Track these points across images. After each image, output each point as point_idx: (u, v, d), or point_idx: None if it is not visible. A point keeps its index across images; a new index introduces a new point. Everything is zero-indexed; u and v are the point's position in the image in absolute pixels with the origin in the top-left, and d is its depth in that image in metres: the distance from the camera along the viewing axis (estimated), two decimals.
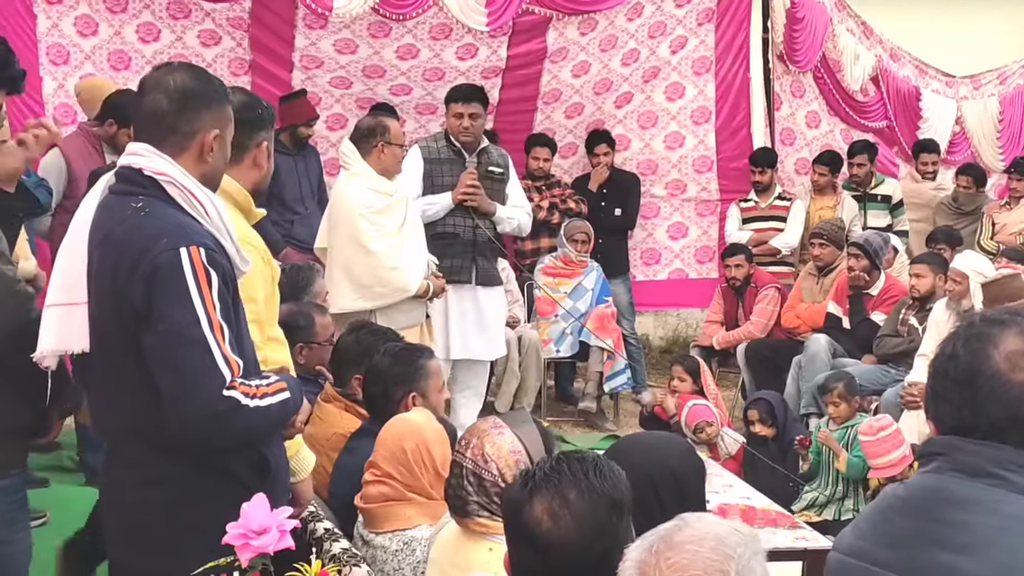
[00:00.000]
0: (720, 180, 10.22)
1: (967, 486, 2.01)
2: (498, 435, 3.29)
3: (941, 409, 2.12)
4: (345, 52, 8.76)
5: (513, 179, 7.73)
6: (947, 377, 2.10)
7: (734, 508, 5.57)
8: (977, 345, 2.06)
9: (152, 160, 3.03)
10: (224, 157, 3.17)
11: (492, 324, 7.61)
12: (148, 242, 2.90)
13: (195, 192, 3.03)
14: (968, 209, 10.17)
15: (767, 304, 9.12)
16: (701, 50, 9.89)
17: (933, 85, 10.97)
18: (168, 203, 3.01)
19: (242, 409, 2.89)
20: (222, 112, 3.15)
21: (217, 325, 2.90)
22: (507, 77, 9.30)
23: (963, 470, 2.03)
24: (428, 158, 7.44)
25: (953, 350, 2.11)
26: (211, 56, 8.49)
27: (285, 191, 8.26)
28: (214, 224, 3.05)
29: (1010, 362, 2.03)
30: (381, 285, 6.48)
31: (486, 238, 7.44)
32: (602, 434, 8.68)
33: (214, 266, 2.93)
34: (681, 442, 3.62)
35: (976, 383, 2.04)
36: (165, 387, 2.87)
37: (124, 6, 8.16)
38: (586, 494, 2.50)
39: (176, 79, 3.11)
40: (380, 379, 4.63)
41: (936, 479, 2.06)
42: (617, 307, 9.36)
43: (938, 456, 2.08)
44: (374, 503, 3.93)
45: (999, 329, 2.07)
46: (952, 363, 2.09)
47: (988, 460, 2.01)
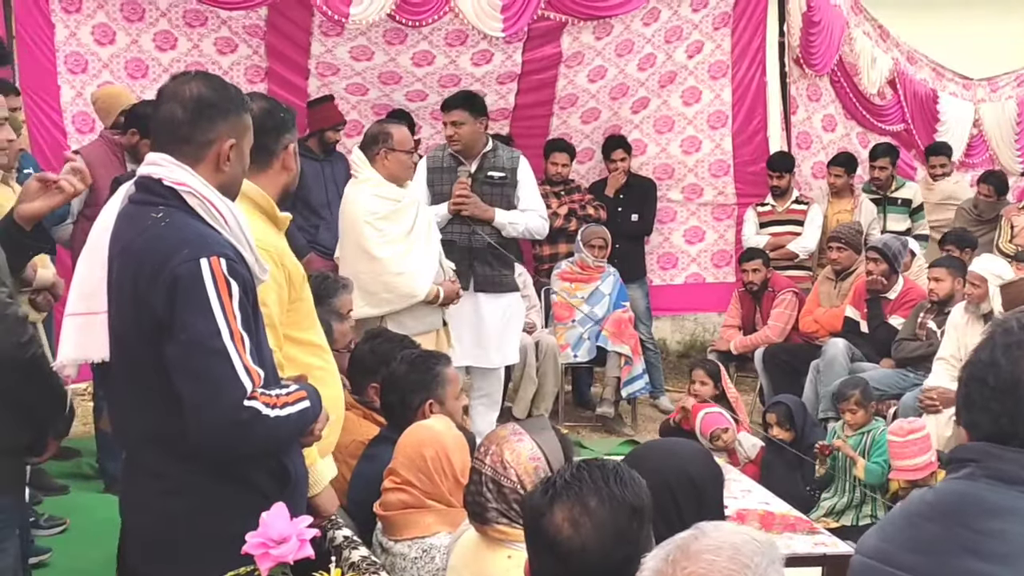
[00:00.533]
0: (737, 184, 10.20)
1: (1002, 494, 1.99)
2: (517, 442, 3.29)
3: (978, 417, 2.09)
4: (361, 59, 8.77)
5: (525, 182, 7.61)
6: (986, 385, 2.07)
7: (752, 513, 5.56)
8: (1019, 353, 2.04)
9: (171, 170, 3.04)
10: (242, 166, 3.17)
11: (496, 331, 7.55)
12: (169, 252, 2.91)
13: (214, 202, 3.04)
14: (988, 217, 10.11)
15: (784, 308, 9.10)
16: (717, 54, 9.88)
17: (950, 88, 10.94)
18: (188, 213, 3.02)
19: (263, 419, 2.90)
20: (239, 121, 3.15)
21: (238, 335, 2.91)
22: (522, 82, 9.30)
23: (998, 477, 2.00)
24: (431, 167, 7.47)
25: (992, 357, 2.07)
26: (227, 64, 8.52)
27: (311, 196, 8.28)
28: (233, 233, 3.05)
29: None
30: (387, 291, 6.46)
31: (483, 244, 7.40)
32: (620, 439, 8.67)
33: (234, 276, 2.94)
34: (699, 448, 3.61)
35: (1018, 392, 2.02)
36: (187, 396, 2.88)
37: (141, 15, 8.20)
38: (607, 502, 2.50)
39: (192, 89, 3.11)
40: (397, 386, 4.64)
41: (969, 485, 2.03)
42: (634, 312, 9.35)
43: (971, 462, 2.05)
44: (393, 510, 3.93)
45: None
46: (992, 371, 2.06)
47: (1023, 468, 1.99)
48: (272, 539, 2.42)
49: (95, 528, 5.73)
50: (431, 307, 6.58)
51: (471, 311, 7.36)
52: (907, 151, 10.73)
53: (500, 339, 7.62)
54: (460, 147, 7.41)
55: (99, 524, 5.26)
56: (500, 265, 7.57)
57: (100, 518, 5.07)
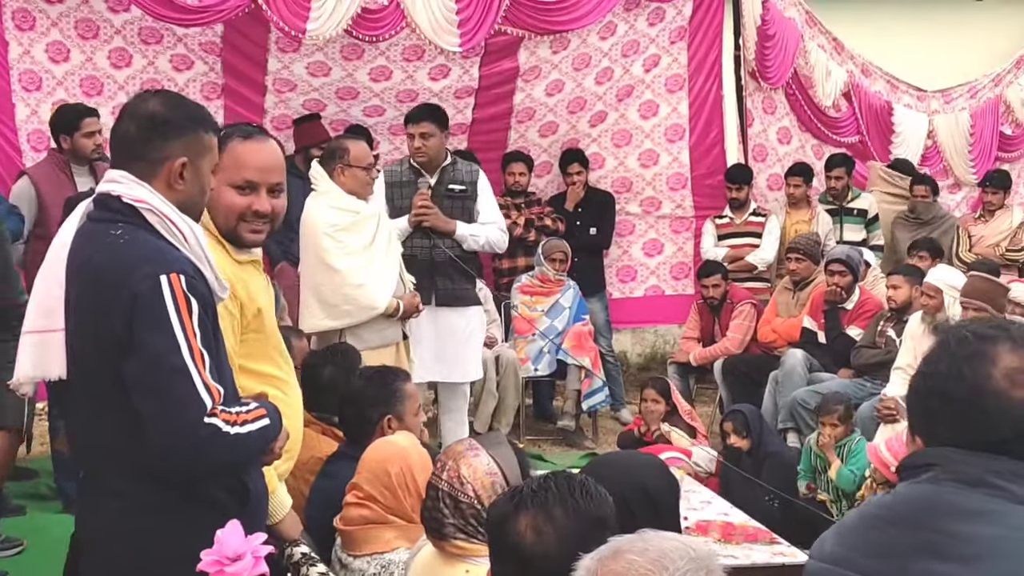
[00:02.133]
0: (695, 197, 10.25)
1: (968, 496, 1.99)
2: (474, 457, 3.29)
3: (940, 430, 2.09)
4: (318, 75, 8.77)
5: (484, 195, 7.60)
6: (947, 398, 2.07)
7: (713, 524, 5.58)
8: (977, 364, 2.04)
9: (130, 187, 3.03)
10: (199, 185, 3.13)
11: (457, 346, 7.49)
12: (128, 269, 2.90)
13: (173, 218, 3.03)
14: (926, 218, 10.22)
15: (743, 320, 9.16)
16: (674, 68, 9.92)
17: (905, 100, 11.04)
18: (147, 230, 3.01)
19: (223, 436, 2.89)
20: (195, 140, 3.11)
21: (198, 352, 2.90)
22: (480, 97, 9.32)
23: (963, 480, 2.01)
24: (389, 181, 7.40)
25: (951, 370, 2.07)
26: (183, 81, 8.49)
27: (290, 211, 8.24)
28: (192, 251, 3.04)
29: (1010, 380, 2.02)
30: (347, 303, 6.43)
31: (445, 257, 7.37)
32: (581, 452, 8.67)
33: (194, 293, 2.93)
34: (655, 461, 3.62)
35: (980, 404, 2.02)
36: (146, 414, 2.87)
37: (95, 32, 8.16)
38: (571, 512, 2.52)
39: (147, 106, 3.11)
40: (355, 401, 4.63)
41: (932, 489, 2.03)
42: (594, 325, 9.38)
43: (933, 466, 2.06)
44: (355, 525, 3.92)
45: (992, 345, 2.05)
46: (953, 384, 2.06)
47: (987, 471, 2.00)
48: (227, 556, 2.42)
49: (53, 548, 5.66)
50: (390, 320, 6.55)
51: (433, 326, 7.33)
52: (862, 162, 10.81)
53: (463, 354, 7.56)
54: (426, 159, 7.37)
55: (57, 544, 5.19)
56: (461, 279, 7.52)
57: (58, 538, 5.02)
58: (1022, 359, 2.03)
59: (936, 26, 11.97)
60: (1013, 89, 11.41)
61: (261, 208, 3.54)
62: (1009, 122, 11.47)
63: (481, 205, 7.54)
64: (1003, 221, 10.18)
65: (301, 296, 6.49)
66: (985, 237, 10.11)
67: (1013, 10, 12.26)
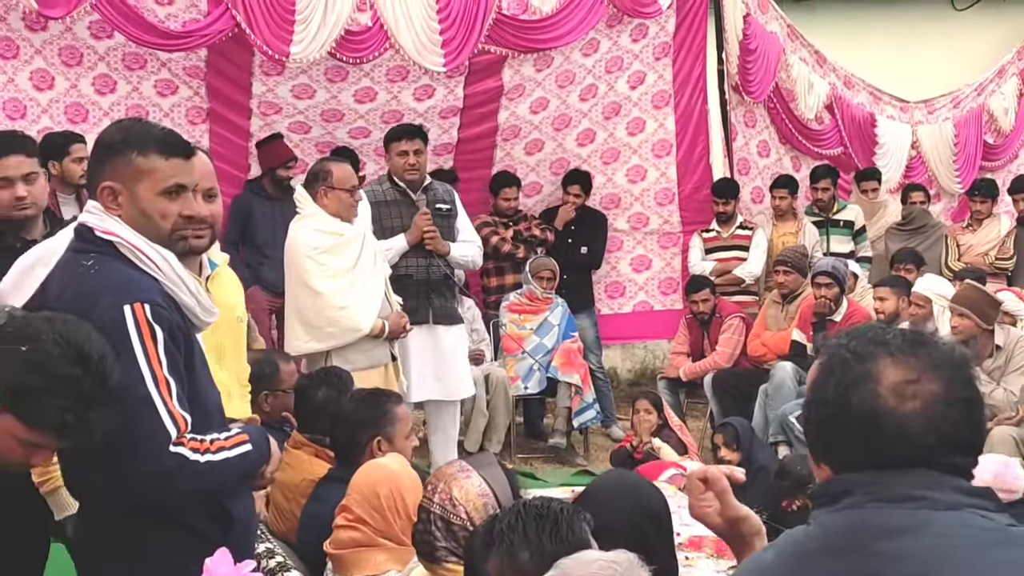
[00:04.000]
0: (682, 212, 10.27)
1: (892, 514, 1.96)
2: (465, 479, 3.29)
3: (841, 456, 2.05)
4: (303, 97, 8.77)
5: (461, 213, 7.71)
6: (841, 426, 2.02)
7: (706, 540, 5.57)
8: (862, 388, 2.00)
9: (101, 219, 3.06)
10: (138, 209, 3.07)
11: (453, 363, 7.53)
12: (93, 300, 2.91)
13: (142, 248, 3.03)
14: (920, 225, 10.27)
15: (732, 334, 9.16)
16: (660, 84, 9.94)
17: (888, 111, 11.08)
18: (119, 260, 3.02)
19: (190, 465, 2.89)
20: (123, 163, 3.06)
21: (163, 380, 2.89)
22: (465, 116, 9.33)
23: (883, 499, 1.97)
24: (375, 202, 7.35)
25: (838, 398, 2.02)
26: (168, 106, 8.48)
27: (257, 233, 8.39)
28: (168, 278, 3.04)
29: (897, 395, 1.98)
30: (331, 325, 6.44)
31: (440, 276, 7.42)
32: (573, 469, 8.68)
33: (159, 321, 2.93)
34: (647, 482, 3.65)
35: (875, 426, 1.98)
36: (114, 446, 2.86)
37: (79, 59, 8.15)
38: (536, 557, 2.54)
39: (102, 134, 3.16)
40: (346, 423, 4.63)
41: (856, 514, 1.99)
42: (584, 342, 9.38)
43: (848, 493, 2.01)
44: (345, 548, 3.91)
45: (872, 364, 2.01)
46: (844, 412, 2.01)
47: (907, 485, 1.97)
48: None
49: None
50: (377, 341, 6.56)
51: (430, 344, 7.35)
52: (845, 174, 10.84)
53: (459, 370, 7.63)
54: (418, 176, 7.41)
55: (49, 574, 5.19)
56: (451, 296, 7.65)
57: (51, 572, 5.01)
58: (903, 371, 1.99)
59: (917, 37, 12.01)
60: (996, 98, 11.47)
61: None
62: (992, 131, 11.52)
63: (460, 223, 7.60)
64: (991, 230, 10.22)
65: (286, 319, 6.49)
66: (974, 246, 10.15)
67: (994, 20, 12.32)
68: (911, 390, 1.98)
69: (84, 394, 2.62)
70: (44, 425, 2.65)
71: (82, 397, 2.61)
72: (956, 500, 1.96)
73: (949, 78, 11.56)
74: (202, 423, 2.99)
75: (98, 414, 2.66)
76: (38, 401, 2.62)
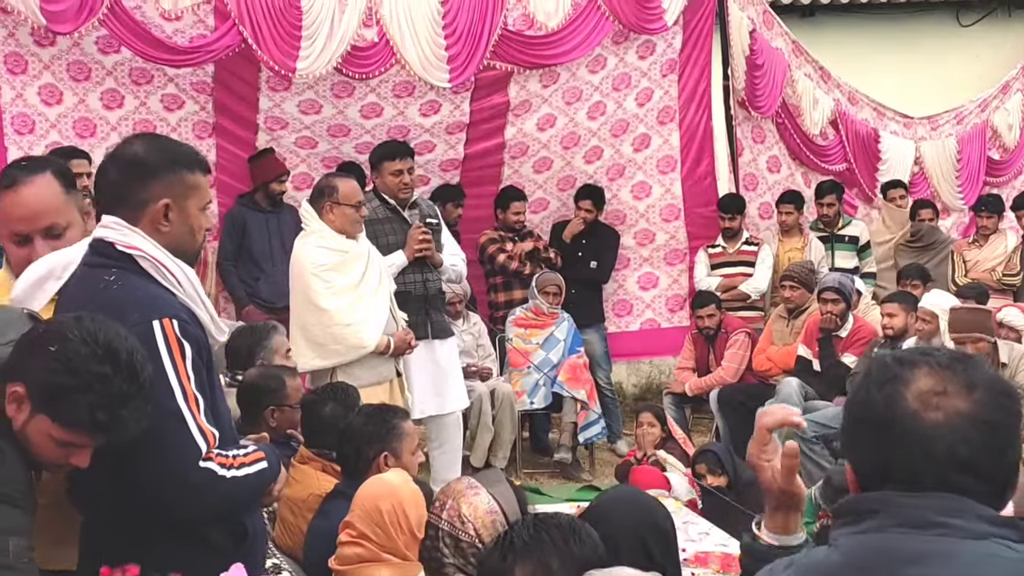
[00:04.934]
0: (688, 228, 10.26)
1: (917, 540, 1.94)
2: (474, 495, 3.29)
3: (858, 455, 2.07)
4: (309, 112, 8.80)
5: (444, 228, 7.79)
6: (863, 422, 2.04)
7: (712, 556, 5.57)
8: (890, 388, 2.00)
9: (124, 234, 3.04)
10: (187, 226, 3.12)
11: (451, 376, 7.54)
12: (121, 315, 2.88)
13: (167, 264, 3.03)
14: (929, 241, 10.28)
15: (738, 349, 9.17)
16: (665, 100, 9.95)
17: (891, 127, 11.07)
18: (140, 275, 3.01)
19: (219, 480, 2.90)
20: (177, 180, 3.10)
21: (192, 396, 2.91)
22: (471, 132, 9.35)
23: (908, 524, 1.95)
24: (366, 219, 7.16)
25: (867, 396, 2.04)
26: (175, 120, 8.51)
27: (254, 248, 8.40)
28: (187, 294, 3.05)
29: (922, 401, 1.97)
30: (336, 342, 6.45)
31: (436, 290, 7.45)
32: (578, 485, 8.67)
33: (187, 337, 2.94)
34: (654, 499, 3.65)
35: (891, 427, 1.98)
36: (142, 459, 2.86)
37: (87, 74, 8.19)
38: (568, 563, 2.52)
39: (128, 150, 3.13)
40: (352, 438, 4.63)
41: (879, 538, 1.97)
42: (592, 357, 9.39)
43: (873, 513, 1.99)
44: (349, 564, 3.91)
45: (909, 369, 2.01)
46: (867, 409, 2.03)
47: (932, 511, 1.95)
48: None
49: None
50: (382, 358, 6.57)
51: (429, 359, 7.35)
52: (849, 190, 10.84)
53: (456, 384, 7.63)
54: (410, 194, 7.43)
55: None
56: (444, 310, 7.71)
57: None
58: (935, 381, 1.99)
59: (921, 53, 12.03)
60: (1000, 114, 11.45)
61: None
62: (997, 147, 11.51)
63: (444, 238, 7.64)
64: (997, 246, 10.21)
65: (291, 335, 6.48)
66: (981, 262, 10.15)
67: (998, 36, 12.34)
68: (936, 401, 1.98)
69: (116, 391, 2.63)
70: (77, 424, 2.66)
71: (114, 394, 2.63)
72: (982, 530, 1.94)
73: (953, 94, 11.55)
74: (222, 439, 3.01)
75: (130, 411, 2.67)
76: (70, 400, 2.63)
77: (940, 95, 11.52)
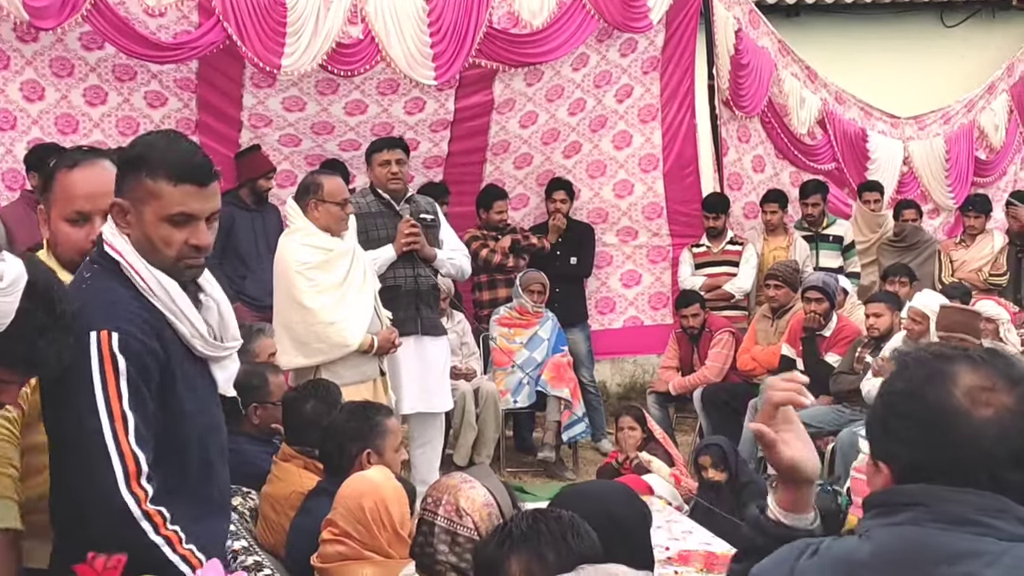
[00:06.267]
0: (671, 226, 10.27)
1: (958, 537, 1.91)
2: (470, 489, 3.28)
3: (895, 448, 2.02)
4: (293, 109, 8.77)
5: (445, 224, 7.70)
6: (905, 416, 2.01)
7: (695, 555, 5.56)
8: (937, 383, 1.99)
9: (112, 234, 2.98)
10: (143, 232, 2.96)
11: (439, 374, 7.50)
12: (79, 317, 2.78)
13: (142, 273, 2.94)
14: (912, 241, 10.30)
15: (721, 348, 9.17)
16: (647, 98, 9.95)
17: (879, 126, 11.10)
18: (118, 277, 2.94)
19: (133, 523, 2.78)
20: (135, 183, 2.96)
21: (119, 416, 2.80)
22: (455, 129, 9.34)
23: (948, 520, 1.93)
24: (359, 213, 7.13)
25: (909, 388, 2.02)
26: (158, 117, 8.48)
27: (240, 246, 8.34)
28: (164, 304, 2.95)
29: (971, 398, 1.96)
30: (319, 341, 6.42)
31: (428, 286, 7.41)
32: (562, 483, 8.65)
33: (127, 352, 2.83)
34: (623, 490, 3.59)
35: (941, 424, 1.96)
36: (71, 470, 2.83)
37: (70, 70, 8.15)
38: (564, 556, 2.51)
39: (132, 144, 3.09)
40: (335, 435, 4.61)
41: (916, 531, 1.94)
42: (576, 355, 9.39)
43: (913, 506, 1.97)
44: (331, 562, 3.89)
45: (952, 365, 2.00)
46: (911, 402, 2.01)
47: (973, 508, 1.93)
48: None
49: None
50: (366, 356, 6.54)
51: (418, 356, 7.31)
52: (839, 189, 10.86)
53: (443, 383, 7.59)
54: (401, 185, 7.37)
55: None
56: (437, 307, 7.66)
57: None
58: (982, 378, 1.98)
59: (907, 53, 12.05)
60: (986, 114, 11.49)
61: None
62: (984, 147, 11.54)
63: (444, 234, 7.59)
64: (984, 246, 10.24)
65: (275, 333, 6.46)
66: (967, 262, 10.17)
67: (983, 37, 12.37)
68: (985, 397, 1.96)
69: (33, 322, 2.54)
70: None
71: (31, 325, 2.54)
72: (1020, 532, 1.93)
73: (939, 94, 11.58)
74: (174, 462, 2.92)
75: (48, 342, 2.59)
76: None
77: (925, 95, 11.55)
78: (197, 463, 3.04)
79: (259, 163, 8.62)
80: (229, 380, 3.22)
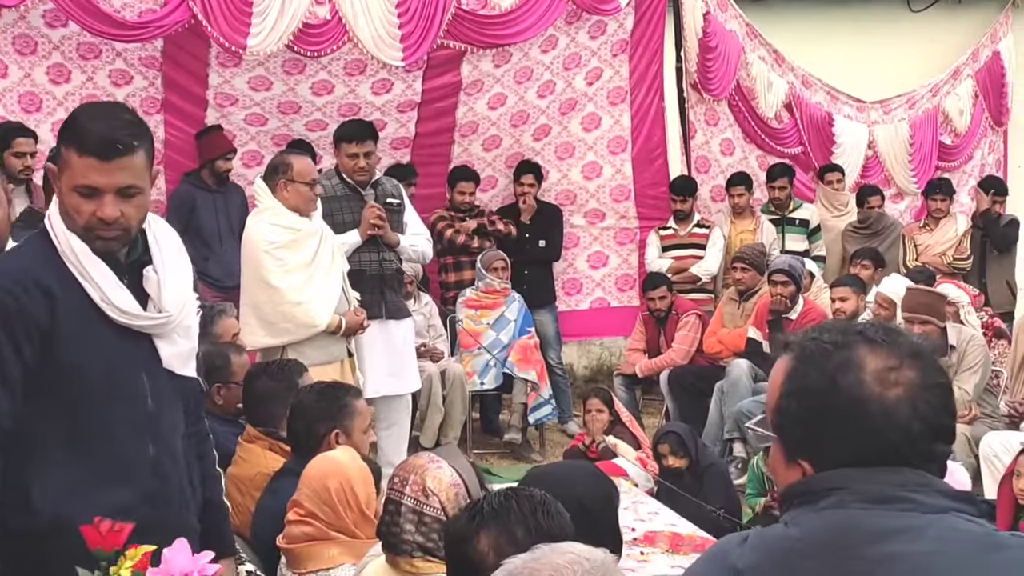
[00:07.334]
0: (638, 208, 10.29)
1: (881, 516, 1.91)
2: (437, 469, 3.27)
3: (825, 447, 1.99)
4: (260, 89, 8.72)
5: (409, 208, 7.66)
6: (827, 414, 1.97)
7: (661, 535, 5.58)
8: (848, 372, 1.96)
9: (56, 200, 3.10)
10: (60, 197, 3.08)
11: (404, 357, 7.50)
12: None
13: (57, 233, 3.05)
14: (878, 228, 10.35)
15: (688, 331, 9.18)
16: (616, 80, 9.96)
17: (845, 111, 11.15)
18: (45, 241, 3.06)
19: None
20: (60, 149, 3.12)
21: None
22: (423, 111, 9.31)
23: (871, 500, 1.92)
24: (324, 196, 7.06)
25: (824, 384, 1.98)
26: (122, 96, 8.38)
27: (203, 226, 8.31)
28: (74, 267, 3.03)
29: (880, 381, 1.95)
30: (286, 321, 6.39)
31: (393, 270, 7.38)
32: (528, 465, 8.64)
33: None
34: (591, 470, 3.59)
35: (861, 413, 1.94)
36: None
37: (33, 48, 8.07)
38: (534, 533, 2.51)
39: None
40: (304, 415, 4.59)
41: (841, 514, 1.93)
42: (544, 337, 9.39)
43: (833, 491, 1.95)
44: (297, 543, 3.88)
45: (853, 351, 1.98)
46: (830, 398, 1.97)
47: (894, 485, 1.93)
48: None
49: None
50: (333, 337, 6.52)
51: (384, 339, 7.29)
52: (805, 173, 10.90)
53: (409, 365, 7.57)
54: (366, 177, 7.34)
55: None
56: (401, 290, 7.63)
57: None
58: (884, 358, 1.97)
59: (873, 37, 12.05)
60: (951, 99, 11.56)
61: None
62: (948, 132, 11.61)
63: (408, 217, 7.56)
64: (948, 230, 10.31)
65: (241, 313, 6.42)
66: (931, 246, 10.24)
67: (949, 22, 12.38)
68: (893, 376, 1.96)
69: None
70: None
71: None
72: (942, 504, 1.93)
73: (905, 79, 11.62)
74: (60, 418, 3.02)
75: None
76: None
77: (891, 80, 11.58)
78: (94, 428, 3.05)
79: (218, 143, 8.57)
80: (178, 357, 3.22)
